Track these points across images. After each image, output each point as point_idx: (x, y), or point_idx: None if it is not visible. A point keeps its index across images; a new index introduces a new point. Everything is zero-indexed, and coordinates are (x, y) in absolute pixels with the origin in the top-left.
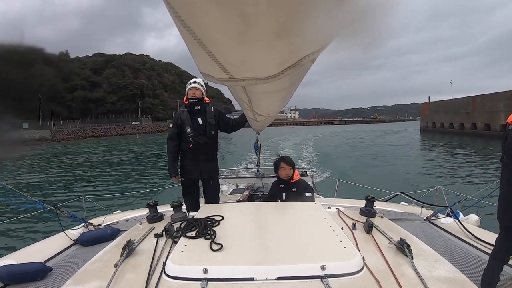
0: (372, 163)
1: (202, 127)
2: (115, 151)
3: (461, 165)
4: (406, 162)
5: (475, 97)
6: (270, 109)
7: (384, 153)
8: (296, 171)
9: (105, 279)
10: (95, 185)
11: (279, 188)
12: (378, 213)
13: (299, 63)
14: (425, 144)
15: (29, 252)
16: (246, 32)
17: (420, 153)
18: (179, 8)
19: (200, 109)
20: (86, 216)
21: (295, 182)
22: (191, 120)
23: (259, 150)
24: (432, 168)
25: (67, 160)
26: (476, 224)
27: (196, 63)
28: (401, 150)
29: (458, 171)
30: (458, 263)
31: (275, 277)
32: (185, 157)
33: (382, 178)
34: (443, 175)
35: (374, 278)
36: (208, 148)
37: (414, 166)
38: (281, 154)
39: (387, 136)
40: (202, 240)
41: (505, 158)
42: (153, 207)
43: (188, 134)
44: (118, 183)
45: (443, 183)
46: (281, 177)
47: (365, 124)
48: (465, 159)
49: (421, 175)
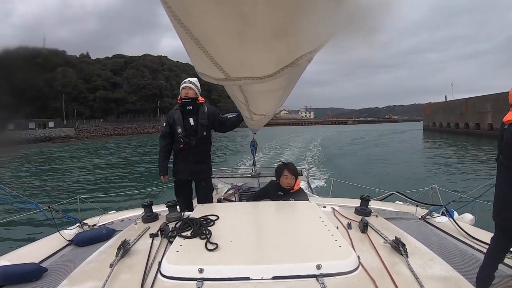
0: (365, 160)
1: (194, 128)
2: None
3: (455, 163)
4: (400, 161)
5: (468, 99)
6: (267, 108)
7: (382, 152)
8: (298, 180)
9: (100, 280)
10: (90, 184)
11: (276, 194)
12: (373, 212)
13: (296, 62)
14: (425, 143)
15: (24, 252)
16: (244, 32)
17: (416, 152)
18: (176, 8)
19: (192, 109)
20: (81, 216)
21: (295, 192)
22: (183, 120)
23: (255, 150)
24: (426, 167)
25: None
26: (471, 223)
27: (193, 63)
28: (398, 149)
29: (452, 169)
30: (453, 261)
31: (270, 277)
32: (176, 157)
33: (374, 176)
34: (437, 173)
35: (369, 277)
36: (199, 149)
37: (407, 165)
38: (284, 161)
39: (392, 135)
40: (198, 239)
41: (501, 157)
42: (148, 207)
43: (179, 134)
44: (113, 182)
45: (437, 182)
46: (282, 185)
47: (377, 123)
48: (458, 157)
49: (415, 174)
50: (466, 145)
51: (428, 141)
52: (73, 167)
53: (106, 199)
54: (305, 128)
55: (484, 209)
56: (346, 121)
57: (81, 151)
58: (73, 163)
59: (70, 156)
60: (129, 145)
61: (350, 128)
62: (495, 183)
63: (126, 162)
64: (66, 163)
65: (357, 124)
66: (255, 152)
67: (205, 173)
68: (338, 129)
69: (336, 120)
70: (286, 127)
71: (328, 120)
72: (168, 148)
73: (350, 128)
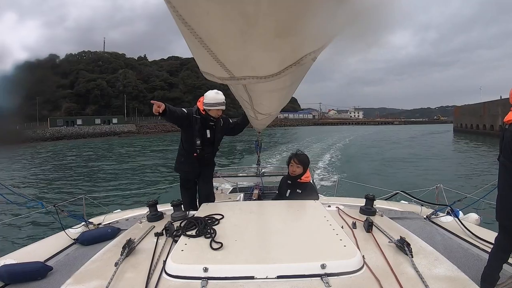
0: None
1: (210, 140)
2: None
3: (466, 163)
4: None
5: (485, 103)
6: (271, 107)
7: (409, 151)
8: (308, 173)
9: (105, 278)
10: (95, 184)
11: (286, 184)
12: (378, 212)
13: (300, 61)
14: (450, 145)
15: (29, 251)
16: (247, 31)
17: (443, 153)
18: (181, 7)
19: (212, 123)
20: (86, 215)
21: (303, 183)
22: (202, 131)
23: (259, 149)
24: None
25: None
26: (476, 222)
27: (198, 63)
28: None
29: (459, 169)
30: (458, 261)
31: (275, 276)
32: (187, 158)
33: (381, 176)
34: (446, 173)
35: (374, 276)
36: (209, 156)
37: (412, 166)
38: (301, 151)
39: (425, 136)
40: (202, 239)
41: (502, 157)
42: (153, 206)
43: (196, 146)
44: (118, 181)
45: (444, 181)
46: (289, 172)
47: (423, 124)
48: (471, 155)
49: (422, 174)
50: (483, 145)
51: (456, 144)
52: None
53: (111, 198)
54: (348, 127)
55: (489, 208)
56: (392, 122)
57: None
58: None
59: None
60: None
61: (386, 128)
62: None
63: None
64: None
65: (402, 125)
66: (259, 151)
67: (209, 176)
68: (380, 128)
69: (382, 121)
70: (331, 126)
71: (375, 120)
72: (179, 114)
73: (386, 128)
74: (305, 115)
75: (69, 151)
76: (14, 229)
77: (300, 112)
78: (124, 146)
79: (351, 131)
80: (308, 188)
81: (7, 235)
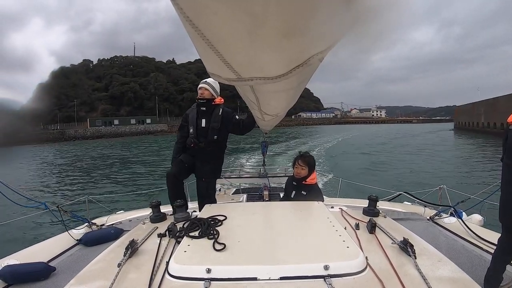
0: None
1: (204, 130)
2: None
3: (466, 161)
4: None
5: (474, 103)
6: (278, 108)
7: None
8: (314, 175)
9: (108, 279)
10: (98, 185)
11: (291, 185)
12: (381, 213)
13: (307, 62)
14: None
15: (32, 252)
16: (254, 31)
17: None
18: (187, 8)
19: (206, 110)
20: (89, 216)
21: (308, 185)
22: (196, 120)
23: (266, 150)
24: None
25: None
26: (480, 223)
27: (204, 63)
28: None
29: (462, 169)
30: (461, 263)
31: (278, 277)
32: (186, 152)
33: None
34: (448, 173)
35: (377, 278)
36: (209, 151)
37: (411, 164)
38: (308, 153)
39: (430, 133)
40: (205, 240)
41: (505, 158)
42: (156, 207)
43: (190, 134)
44: (121, 183)
45: (446, 182)
46: (294, 174)
47: (438, 123)
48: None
49: (425, 174)
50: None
51: (453, 142)
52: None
53: (115, 199)
54: (366, 126)
55: (493, 209)
56: (411, 120)
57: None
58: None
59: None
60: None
61: (399, 126)
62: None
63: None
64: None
65: (421, 123)
66: (266, 152)
67: (208, 174)
68: (395, 127)
69: (401, 119)
70: (352, 125)
71: (395, 119)
72: (183, 140)
73: (399, 126)
74: (328, 114)
75: (123, 148)
76: (17, 230)
77: (323, 111)
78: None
79: (355, 129)
80: (313, 191)
81: (10, 235)
